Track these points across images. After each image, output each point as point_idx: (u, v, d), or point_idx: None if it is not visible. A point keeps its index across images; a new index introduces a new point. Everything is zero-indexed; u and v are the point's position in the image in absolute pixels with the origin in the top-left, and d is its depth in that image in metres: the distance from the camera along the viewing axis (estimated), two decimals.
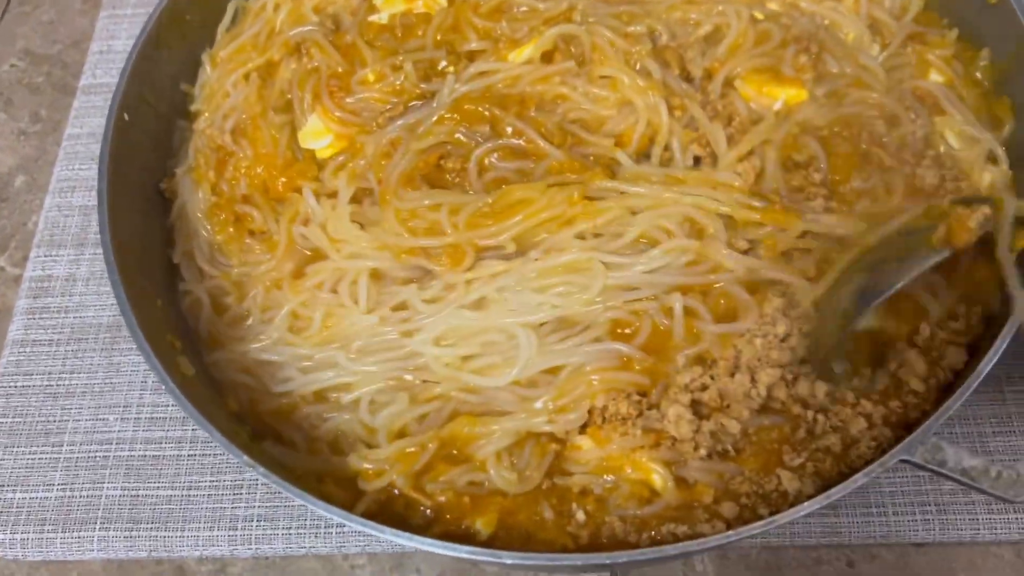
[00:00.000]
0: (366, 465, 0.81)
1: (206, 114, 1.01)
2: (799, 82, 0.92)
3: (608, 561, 0.64)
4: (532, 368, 0.82)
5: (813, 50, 0.93)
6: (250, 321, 0.92)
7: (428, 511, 0.79)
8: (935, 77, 0.96)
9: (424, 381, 0.85)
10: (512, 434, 0.80)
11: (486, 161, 0.90)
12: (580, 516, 0.77)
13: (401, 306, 0.88)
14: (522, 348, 0.82)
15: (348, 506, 0.75)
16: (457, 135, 0.91)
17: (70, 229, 1.13)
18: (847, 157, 0.89)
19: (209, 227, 0.96)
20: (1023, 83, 0.92)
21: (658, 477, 0.77)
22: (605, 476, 0.78)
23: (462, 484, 0.80)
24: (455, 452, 0.82)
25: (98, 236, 1.09)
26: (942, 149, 0.91)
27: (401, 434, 0.84)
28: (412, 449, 0.82)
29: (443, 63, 0.97)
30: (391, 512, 0.80)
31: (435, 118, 0.92)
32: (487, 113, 0.91)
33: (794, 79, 0.93)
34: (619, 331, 0.83)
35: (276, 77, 1.01)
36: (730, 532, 0.67)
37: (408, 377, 0.86)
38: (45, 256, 1.11)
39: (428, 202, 0.89)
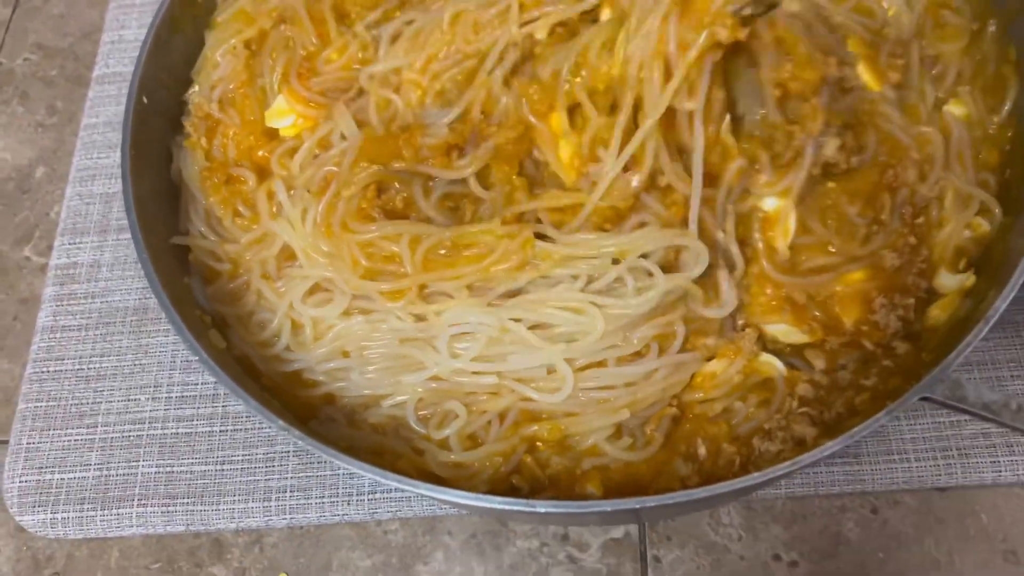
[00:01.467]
0: (452, 458, 0.83)
1: (196, 86, 1.03)
2: None
3: (637, 506, 0.66)
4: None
5: None
6: (257, 317, 0.93)
7: (542, 479, 0.81)
8: (955, 110, 0.92)
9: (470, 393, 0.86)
10: (611, 427, 0.82)
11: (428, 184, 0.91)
12: (702, 451, 0.80)
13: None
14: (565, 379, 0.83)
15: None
16: (383, 170, 0.90)
17: (92, 216, 1.15)
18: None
19: (202, 192, 0.98)
20: None
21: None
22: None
23: (573, 463, 0.82)
24: (553, 445, 0.83)
25: (120, 222, 1.13)
26: (934, 214, 0.88)
27: (473, 439, 0.85)
28: (499, 456, 0.82)
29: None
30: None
31: (349, 164, 0.90)
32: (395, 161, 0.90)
33: None
34: None
35: (264, 46, 1.02)
36: (755, 474, 0.68)
37: (447, 386, 0.86)
38: (69, 244, 1.13)
39: (390, 231, 0.87)
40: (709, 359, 0.85)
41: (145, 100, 0.92)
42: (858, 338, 0.83)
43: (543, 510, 0.67)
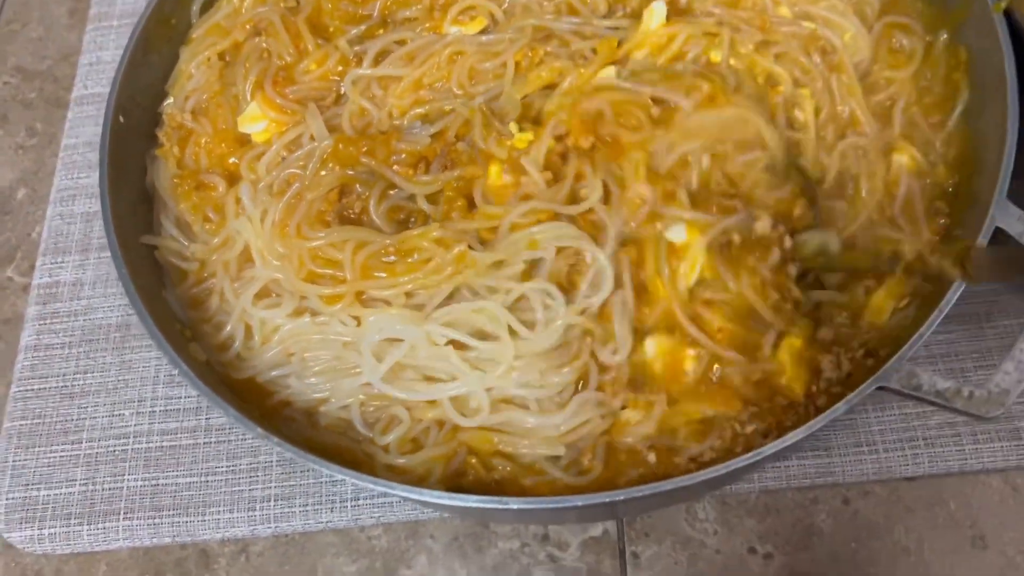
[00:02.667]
0: (397, 460, 0.84)
1: (171, 98, 1.05)
2: None
3: (608, 500, 0.68)
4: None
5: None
6: (217, 320, 0.95)
7: (489, 484, 0.82)
8: (899, 159, 0.93)
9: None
10: (548, 442, 0.83)
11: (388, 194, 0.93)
12: (651, 458, 0.81)
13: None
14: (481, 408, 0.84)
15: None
16: (347, 173, 0.92)
17: (73, 236, 1.16)
18: None
19: (173, 198, 0.99)
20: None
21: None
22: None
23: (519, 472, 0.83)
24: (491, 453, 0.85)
25: (101, 240, 1.15)
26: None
27: (415, 443, 0.86)
28: (440, 461, 0.84)
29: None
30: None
31: (316, 167, 0.93)
32: (364, 155, 0.92)
33: None
34: None
35: (238, 57, 1.04)
36: (719, 465, 0.70)
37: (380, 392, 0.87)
38: (51, 263, 1.15)
39: (336, 237, 0.89)
40: (623, 407, 0.84)
41: (122, 119, 0.94)
42: (813, 400, 0.83)
43: (516, 507, 0.69)
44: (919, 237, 0.89)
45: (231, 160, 0.99)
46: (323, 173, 0.92)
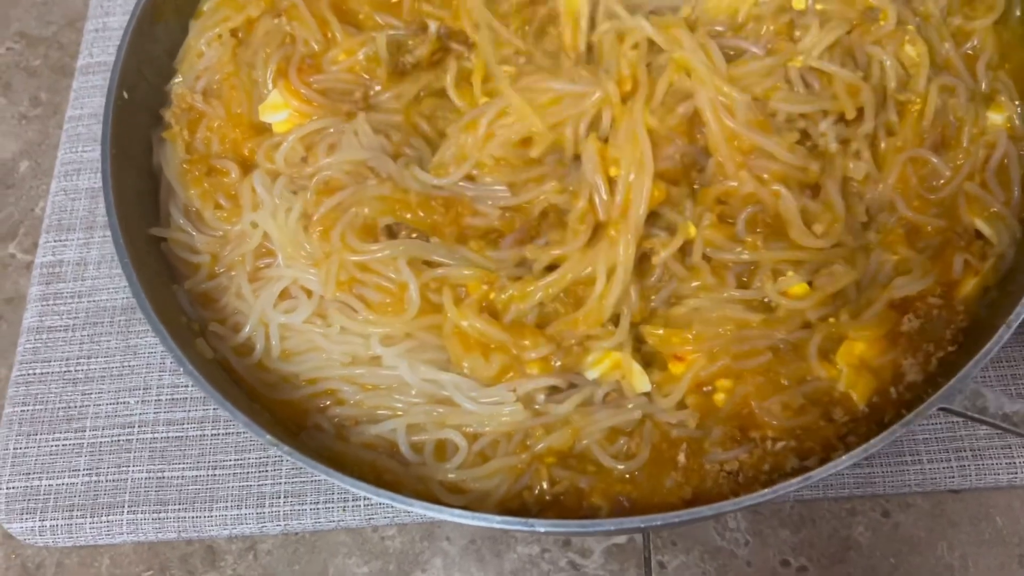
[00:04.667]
0: (451, 477, 0.80)
1: (180, 76, 0.98)
2: None
3: (643, 525, 0.63)
4: None
5: None
6: (232, 320, 0.90)
7: (547, 497, 0.78)
8: (994, 118, 0.88)
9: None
10: (603, 430, 0.80)
11: None
12: (682, 459, 0.76)
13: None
14: None
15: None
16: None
17: (78, 212, 1.11)
18: None
19: (181, 184, 0.94)
20: None
21: None
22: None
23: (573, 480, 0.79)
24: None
25: (106, 219, 1.09)
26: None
27: (483, 456, 0.81)
28: (508, 468, 0.80)
29: (418, 49, 0.92)
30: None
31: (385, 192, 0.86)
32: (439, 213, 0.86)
33: None
34: None
35: (252, 36, 0.98)
36: (764, 491, 0.66)
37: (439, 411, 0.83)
38: (55, 241, 1.10)
39: (388, 253, 0.84)
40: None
41: (126, 95, 0.89)
42: (879, 412, 0.78)
43: (543, 529, 0.64)
44: (1010, 206, 0.84)
45: (246, 148, 0.94)
46: (376, 204, 0.86)
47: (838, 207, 0.82)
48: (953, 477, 0.89)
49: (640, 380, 0.79)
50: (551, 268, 0.82)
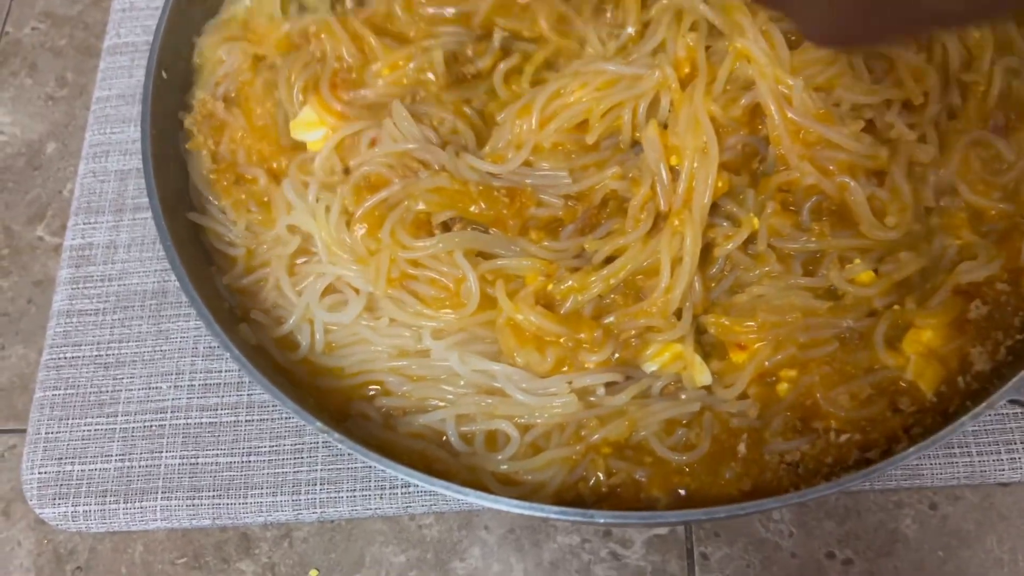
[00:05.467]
0: (503, 468, 0.78)
1: (200, 80, 0.96)
2: None
3: (705, 517, 0.62)
4: None
5: None
6: (275, 314, 0.89)
7: (603, 488, 0.77)
8: None
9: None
10: (661, 421, 0.79)
11: None
12: (742, 448, 0.75)
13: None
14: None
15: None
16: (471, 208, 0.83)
17: (107, 195, 1.10)
18: None
19: (214, 195, 0.92)
20: None
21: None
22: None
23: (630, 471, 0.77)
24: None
25: (136, 201, 1.08)
26: None
27: (535, 447, 0.80)
28: (563, 460, 0.78)
29: (481, 59, 0.88)
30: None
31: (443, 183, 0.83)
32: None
33: None
34: None
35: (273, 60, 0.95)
36: (820, 486, 0.64)
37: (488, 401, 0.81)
38: (84, 224, 1.08)
39: (441, 247, 0.82)
40: None
41: (165, 75, 0.87)
42: (946, 402, 0.76)
43: (603, 520, 0.63)
44: None
45: (275, 163, 0.91)
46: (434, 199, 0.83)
47: (906, 194, 0.80)
48: (1003, 470, 0.87)
49: (702, 373, 0.78)
50: (609, 259, 0.81)
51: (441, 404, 0.79)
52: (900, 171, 0.81)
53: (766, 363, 0.77)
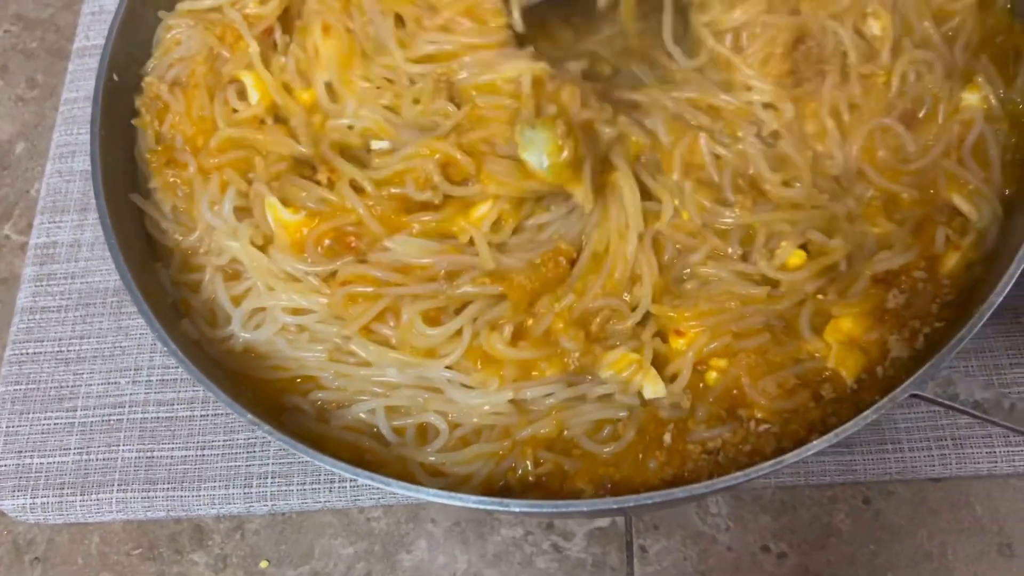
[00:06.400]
0: (431, 459, 0.79)
1: (154, 62, 0.97)
2: None
3: (616, 506, 0.64)
4: None
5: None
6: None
7: (530, 478, 0.78)
8: (969, 98, 0.88)
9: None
10: (589, 422, 0.80)
11: None
12: (667, 439, 0.76)
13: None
14: None
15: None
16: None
17: (72, 195, 1.12)
18: None
19: (148, 175, 0.93)
20: None
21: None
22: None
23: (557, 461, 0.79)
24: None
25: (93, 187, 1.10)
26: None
27: (464, 440, 0.81)
28: (490, 454, 0.79)
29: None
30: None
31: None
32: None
33: None
34: None
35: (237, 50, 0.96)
36: (737, 473, 0.66)
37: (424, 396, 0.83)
38: (49, 223, 1.11)
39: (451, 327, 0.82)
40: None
41: (116, 78, 0.89)
42: (867, 391, 0.77)
43: (517, 509, 0.65)
44: (988, 183, 0.84)
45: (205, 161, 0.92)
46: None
47: (797, 159, 0.84)
48: (934, 466, 0.89)
49: (655, 384, 0.79)
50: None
51: (374, 396, 0.81)
52: (790, 143, 0.85)
53: (704, 350, 0.80)
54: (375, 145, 0.91)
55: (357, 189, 0.86)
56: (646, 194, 0.85)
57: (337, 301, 0.83)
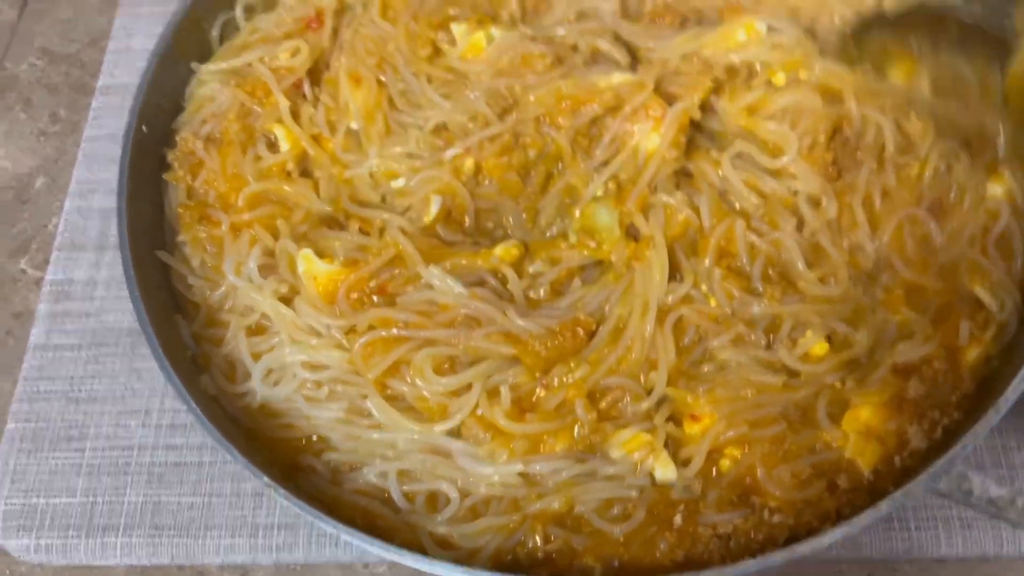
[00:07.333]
0: (441, 530, 0.80)
1: (186, 116, 0.99)
2: None
3: None
4: None
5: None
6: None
7: (539, 554, 0.78)
8: (994, 189, 0.89)
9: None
10: (598, 500, 0.80)
11: None
12: (678, 520, 0.77)
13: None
14: None
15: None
16: None
17: (90, 232, 1.13)
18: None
19: (177, 226, 0.94)
20: None
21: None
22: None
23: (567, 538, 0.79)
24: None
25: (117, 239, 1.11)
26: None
27: (474, 512, 0.81)
28: (499, 527, 0.79)
29: None
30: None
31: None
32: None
33: None
34: None
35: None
36: (749, 560, 0.66)
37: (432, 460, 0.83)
38: (66, 259, 1.11)
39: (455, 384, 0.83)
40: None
41: (145, 129, 0.90)
42: (883, 480, 0.78)
43: None
44: (1010, 275, 0.85)
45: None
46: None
47: (834, 254, 0.85)
48: (940, 546, 0.90)
49: (666, 466, 0.79)
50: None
51: (384, 460, 0.82)
52: (825, 238, 0.86)
53: (720, 438, 0.79)
54: (394, 184, 0.92)
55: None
56: (674, 272, 0.86)
57: (356, 353, 0.83)
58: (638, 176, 0.89)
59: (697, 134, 0.94)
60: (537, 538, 0.76)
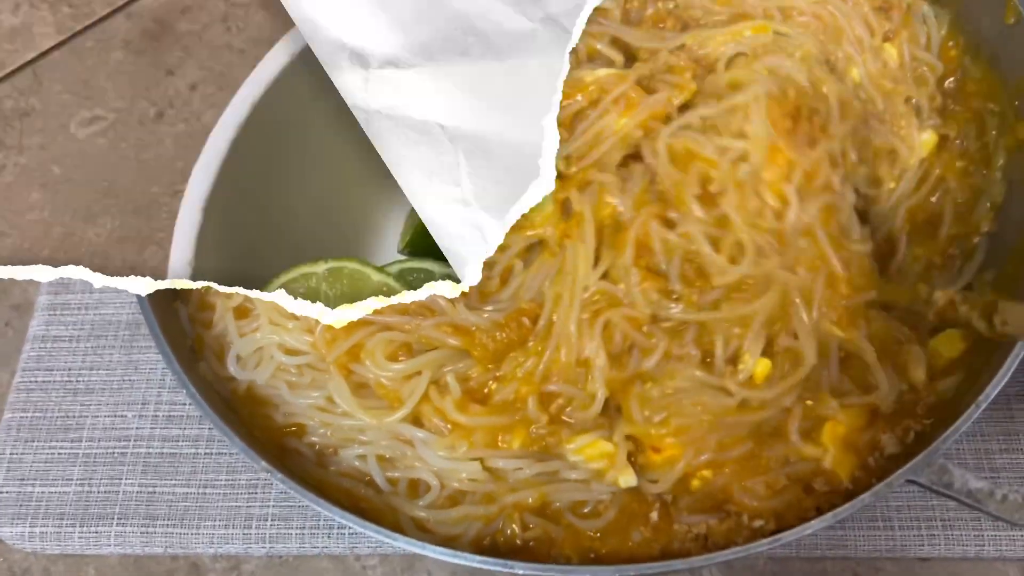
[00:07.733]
0: (420, 515, 0.80)
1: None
2: None
3: (617, 574, 0.66)
4: None
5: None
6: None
7: (517, 541, 0.79)
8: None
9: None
10: (570, 500, 0.81)
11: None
12: (654, 516, 0.77)
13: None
14: None
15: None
16: None
17: None
18: None
19: None
20: None
21: None
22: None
23: (545, 527, 0.79)
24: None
25: None
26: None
27: (452, 500, 0.82)
28: (478, 516, 0.80)
29: None
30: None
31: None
32: None
33: None
34: None
35: None
36: (737, 548, 0.68)
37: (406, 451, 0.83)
38: None
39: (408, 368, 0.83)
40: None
41: None
42: (859, 488, 0.77)
43: (521, 572, 0.67)
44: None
45: None
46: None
47: (734, 218, 0.81)
48: (923, 546, 0.91)
49: (626, 475, 0.78)
50: None
51: (360, 444, 0.83)
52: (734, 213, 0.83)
53: (692, 464, 0.78)
54: None
55: None
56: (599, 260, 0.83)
57: (318, 334, 0.84)
58: (588, 151, 0.84)
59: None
60: (515, 526, 0.77)
